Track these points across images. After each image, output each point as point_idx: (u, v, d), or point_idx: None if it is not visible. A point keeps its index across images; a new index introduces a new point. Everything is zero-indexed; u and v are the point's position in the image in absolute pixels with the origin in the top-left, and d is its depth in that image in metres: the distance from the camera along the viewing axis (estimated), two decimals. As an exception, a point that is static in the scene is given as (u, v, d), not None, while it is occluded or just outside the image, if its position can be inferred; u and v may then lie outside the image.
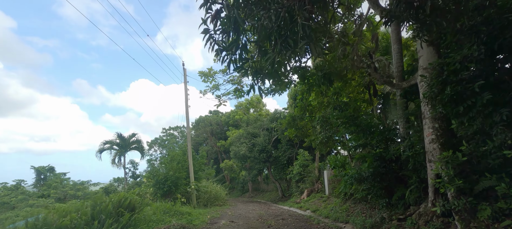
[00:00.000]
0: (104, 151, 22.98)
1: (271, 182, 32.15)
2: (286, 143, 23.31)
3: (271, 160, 24.63)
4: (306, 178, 18.96)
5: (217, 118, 44.72)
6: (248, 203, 23.21)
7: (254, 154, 24.61)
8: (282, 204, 20.09)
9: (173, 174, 14.13)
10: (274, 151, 24.26)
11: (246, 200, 28.31)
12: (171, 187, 13.83)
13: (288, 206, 17.48)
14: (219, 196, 20.63)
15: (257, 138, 25.33)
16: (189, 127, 16.55)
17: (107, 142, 23.25)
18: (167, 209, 10.77)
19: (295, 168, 20.11)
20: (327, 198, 15.39)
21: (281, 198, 24.81)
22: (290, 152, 22.50)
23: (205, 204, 18.41)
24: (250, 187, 35.80)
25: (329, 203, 14.01)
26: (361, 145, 7.92)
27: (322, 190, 16.86)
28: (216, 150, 42.55)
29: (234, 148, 25.90)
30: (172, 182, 13.89)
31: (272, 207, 18.10)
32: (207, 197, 18.82)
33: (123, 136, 25.00)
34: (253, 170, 26.24)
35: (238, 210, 15.48)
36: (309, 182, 18.07)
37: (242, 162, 28.01)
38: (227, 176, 41.75)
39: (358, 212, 9.12)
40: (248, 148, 25.41)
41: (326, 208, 12.59)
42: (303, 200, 16.75)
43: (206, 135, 44.66)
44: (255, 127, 26.73)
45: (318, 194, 16.74)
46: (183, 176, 14.82)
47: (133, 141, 24.25)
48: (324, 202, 14.91)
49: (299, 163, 19.58)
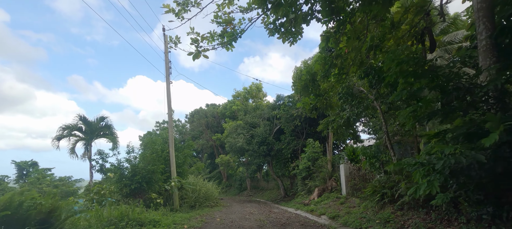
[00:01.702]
0: (64, 138, 19.08)
1: (272, 179, 28.79)
2: (290, 133, 19.91)
3: (272, 154, 21.24)
4: (315, 174, 15.59)
5: (214, 110, 41.30)
6: (245, 203, 19.88)
7: (253, 146, 21.23)
8: (286, 204, 16.75)
9: (144, 166, 10.75)
10: (276, 143, 20.87)
11: (244, 199, 24.99)
12: (141, 183, 10.47)
13: (293, 207, 14.13)
14: (210, 195, 17.26)
15: (257, 129, 21.94)
16: (171, 108, 13.15)
17: (67, 127, 19.22)
18: (120, 216, 7.36)
19: (302, 162, 16.73)
20: (344, 199, 12.03)
21: (284, 197, 21.47)
22: (295, 144, 19.12)
23: (193, 205, 15.05)
24: (248, 185, 32.45)
25: (351, 206, 10.64)
26: (445, 114, 4.45)
27: (338, 189, 13.50)
28: (211, 144, 39.18)
29: (230, 140, 22.51)
30: (142, 177, 10.51)
31: (274, 209, 14.77)
32: (195, 196, 15.45)
33: (88, 120, 19.70)
34: (252, 165, 22.86)
35: (231, 214, 12.11)
36: (320, 179, 14.71)
37: (239, 155, 24.61)
38: (224, 173, 38.39)
39: (420, 226, 5.72)
40: (246, 139, 22.02)
41: (350, 213, 9.22)
42: (313, 201, 13.39)
43: (201, 128, 41.25)
44: (254, 116, 23.32)
45: (333, 193, 13.38)
46: (160, 169, 11.45)
47: (102, 126, 20.04)
48: (341, 204, 11.56)
49: (307, 156, 16.19)
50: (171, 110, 13.17)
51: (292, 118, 18.62)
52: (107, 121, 19.38)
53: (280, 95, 22.60)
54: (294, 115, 18.16)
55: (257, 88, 34.05)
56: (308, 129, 19.44)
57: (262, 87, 34.76)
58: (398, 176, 7.04)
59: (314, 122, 20.07)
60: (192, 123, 44.97)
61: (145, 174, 10.66)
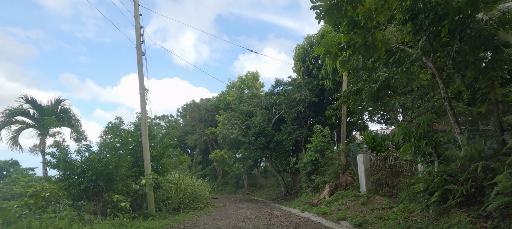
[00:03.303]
0: (6, 127, 15.24)
1: (271, 175, 26.17)
2: (292, 121, 17.25)
3: (271, 146, 18.57)
4: (324, 168, 12.95)
5: (207, 103, 38.48)
6: (241, 202, 17.24)
7: (249, 138, 18.53)
8: (288, 204, 14.14)
9: (99, 160, 7.93)
10: (276, 134, 18.19)
11: (240, 198, 22.36)
12: (96, 181, 7.73)
13: (299, 208, 11.51)
14: (199, 195, 14.60)
15: (253, 118, 19.22)
16: (143, 86, 10.34)
17: (12, 112, 14.10)
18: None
19: (307, 155, 14.08)
20: (366, 198, 9.42)
21: (285, 195, 18.86)
22: (298, 134, 16.45)
23: (177, 207, 12.37)
24: (245, 182, 29.80)
25: (377, 207, 8.04)
26: None
27: (354, 185, 10.87)
28: (205, 139, 36.41)
29: (223, 131, 19.78)
30: (98, 173, 7.73)
31: (275, 210, 12.15)
32: (179, 197, 12.76)
33: (38, 103, 14.88)
34: (248, 160, 20.18)
35: (220, 220, 9.43)
36: (331, 173, 12.06)
37: (234, 149, 21.90)
38: (219, 170, 35.69)
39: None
40: (241, 131, 19.30)
41: (384, 219, 6.59)
42: (324, 201, 10.76)
43: (194, 123, 38.46)
44: (251, 104, 20.59)
45: (348, 191, 10.76)
46: (126, 163, 8.70)
47: (58, 112, 15.95)
48: (363, 205, 8.96)
49: (313, 146, 13.52)
50: (143, 88, 10.38)
51: (294, 103, 15.95)
52: (64, 104, 15.09)
53: (279, 80, 19.89)
54: (297, 99, 15.49)
55: (253, 77, 31.30)
56: (313, 117, 16.80)
57: (259, 76, 32.04)
58: (476, 162, 4.42)
59: (320, 107, 17.40)
60: (185, 117, 42.13)
61: (101, 169, 7.89)
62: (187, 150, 43.14)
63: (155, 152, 10.57)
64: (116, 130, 10.07)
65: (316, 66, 16.25)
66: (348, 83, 10.66)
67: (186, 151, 42.56)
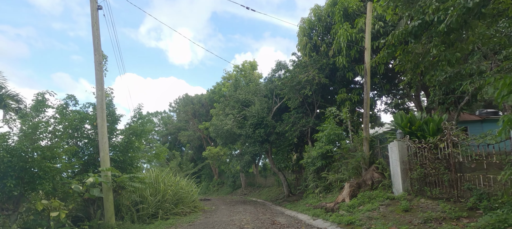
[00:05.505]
0: None
1: (271, 173, 23.48)
2: (296, 109, 14.58)
3: (271, 139, 15.89)
4: (340, 163, 10.29)
5: (201, 97, 35.71)
6: (237, 205, 14.57)
7: (246, 130, 15.85)
8: (293, 207, 11.51)
9: (17, 149, 5.15)
10: (277, 125, 15.52)
11: (237, 200, 19.67)
12: (4, 183, 5.01)
13: (308, 214, 8.85)
14: (185, 197, 11.91)
15: (251, 107, 16.53)
16: (100, 49, 7.59)
17: None
18: None
19: (317, 147, 11.41)
20: (406, 202, 6.81)
21: (288, 196, 16.22)
22: (304, 123, 13.75)
23: (153, 214, 9.69)
24: (243, 182, 27.11)
25: (434, 217, 5.41)
26: None
27: (385, 183, 8.21)
28: (199, 135, 33.68)
29: (216, 122, 17.07)
30: (6, 170, 4.97)
31: (277, 215, 9.50)
32: (157, 201, 10.06)
33: None
34: (245, 155, 17.47)
35: (204, 233, 6.74)
36: (351, 169, 9.38)
37: (229, 143, 19.20)
38: (215, 169, 32.95)
39: None
40: (237, 122, 16.62)
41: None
42: (344, 205, 8.09)
43: (187, 117, 35.70)
44: (248, 91, 17.88)
45: (376, 191, 8.10)
46: (61, 154, 5.98)
47: None
48: (405, 211, 6.33)
49: (326, 134, 10.81)
50: (100, 53, 7.62)
51: (299, 86, 13.27)
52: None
53: (281, 62, 17.16)
54: (303, 81, 12.80)
55: (251, 67, 28.56)
56: (321, 103, 14.12)
57: (257, 66, 29.30)
58: None
59: (330, 92, 14.75)
60: (178, 112, 39.35)
61: (12, 164, 5.14)
62: (182, 148, 40.34)
63: (118, 142, 7.85)
64: (62, 111, 7.35)
65: (325, 42, 13.58)
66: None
67: (180, 149, 39.77)
